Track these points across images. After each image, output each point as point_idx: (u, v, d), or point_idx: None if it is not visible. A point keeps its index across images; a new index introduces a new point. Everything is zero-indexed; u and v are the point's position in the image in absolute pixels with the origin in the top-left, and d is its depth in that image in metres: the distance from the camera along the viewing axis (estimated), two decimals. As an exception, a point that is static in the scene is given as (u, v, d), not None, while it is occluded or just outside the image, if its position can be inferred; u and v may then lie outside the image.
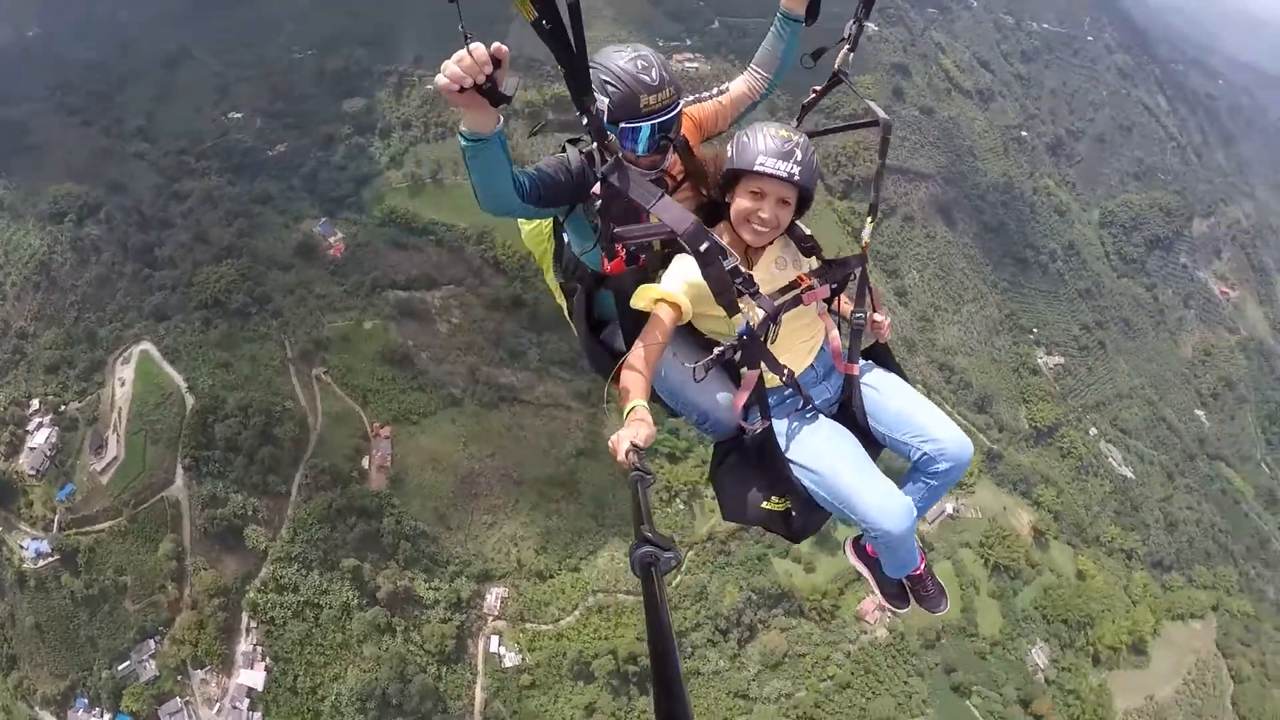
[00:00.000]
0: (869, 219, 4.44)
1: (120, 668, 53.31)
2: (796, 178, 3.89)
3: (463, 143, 3.25)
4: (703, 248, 3.78)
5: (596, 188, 3.98)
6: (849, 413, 4.49)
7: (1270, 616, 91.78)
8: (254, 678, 53.47)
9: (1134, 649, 76.79)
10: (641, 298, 4.00)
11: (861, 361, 4.51)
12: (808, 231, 4.32)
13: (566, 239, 4.55)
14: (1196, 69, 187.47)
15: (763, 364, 4.11)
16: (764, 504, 4.38)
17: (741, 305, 3.91)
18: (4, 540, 56.82)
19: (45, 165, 79.65)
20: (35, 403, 62.76)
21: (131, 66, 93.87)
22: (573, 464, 68.82)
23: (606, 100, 3.87)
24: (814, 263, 4.38)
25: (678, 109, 4.05)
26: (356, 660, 55.32)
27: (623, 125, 3.91)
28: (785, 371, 4.19)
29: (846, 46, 4.41)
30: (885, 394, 4.48)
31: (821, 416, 4.43)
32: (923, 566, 4.90)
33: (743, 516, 4.48)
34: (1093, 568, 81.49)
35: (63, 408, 62.55)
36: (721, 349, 4.00)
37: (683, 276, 4.01)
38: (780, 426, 4.32)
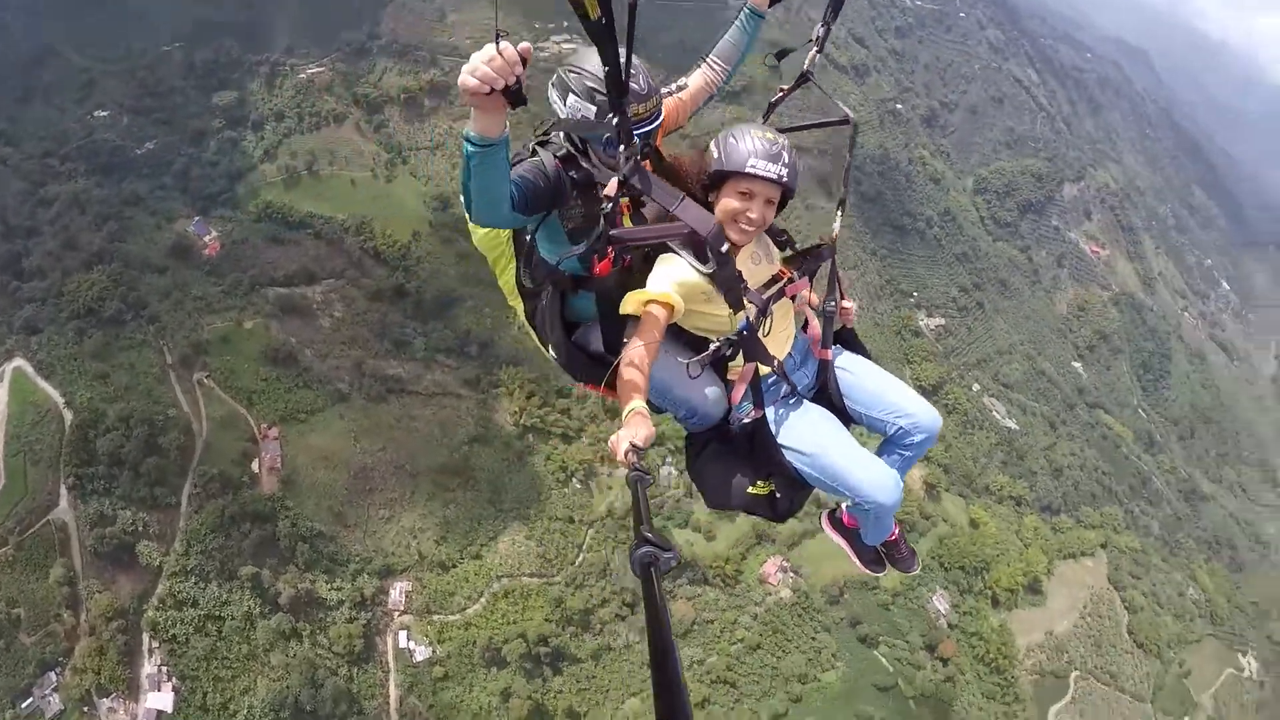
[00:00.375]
0: (837, 211, 4.76)
1: (23, 705, 50.28)
2: (785, 179, 4.07)
3: (470, 149, 3.21)
4: (724, 248, 4.01)
5: (609, 189, 3.98)
6: (825, 395, 4.76)
7: (1156, 550, 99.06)
8: (162, 700, 51.56)
9: (1030, 589, 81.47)
10: (632, 302, 4.09)
11: (834, 346, 4.82)
12: (780, 225, 4.56)
13: (532, 243, 4.49)
14: (1066, 43, 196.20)
15: (758, 356, 4.34)
16: (750, 489, 4.57)
17: (752, 308, 4.19)
18: None
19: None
20: None
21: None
22: (466, 451, 68.80)
23: (594, 108, 3.94)
24: (784, 255, 4.64)
25: (660, 117, 4.21)
26: (265, 670, 54.11)
27: (607, 135, 3.90)
28: (776, 363, 4.43)
29: (815, 49, 4.71)
30: (859, 375, 4.78)
31: (805, 402, 4.69)
32: (896, 532, 5.20)
33: (728, 503, 4.67)
34: (985, 516, 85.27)
35: None
36: (718, 345, 4.20)
37: (673, 277, 4.12)
38: (769, 414, 4.52)
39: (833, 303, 4.72)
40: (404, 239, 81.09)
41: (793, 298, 4.63)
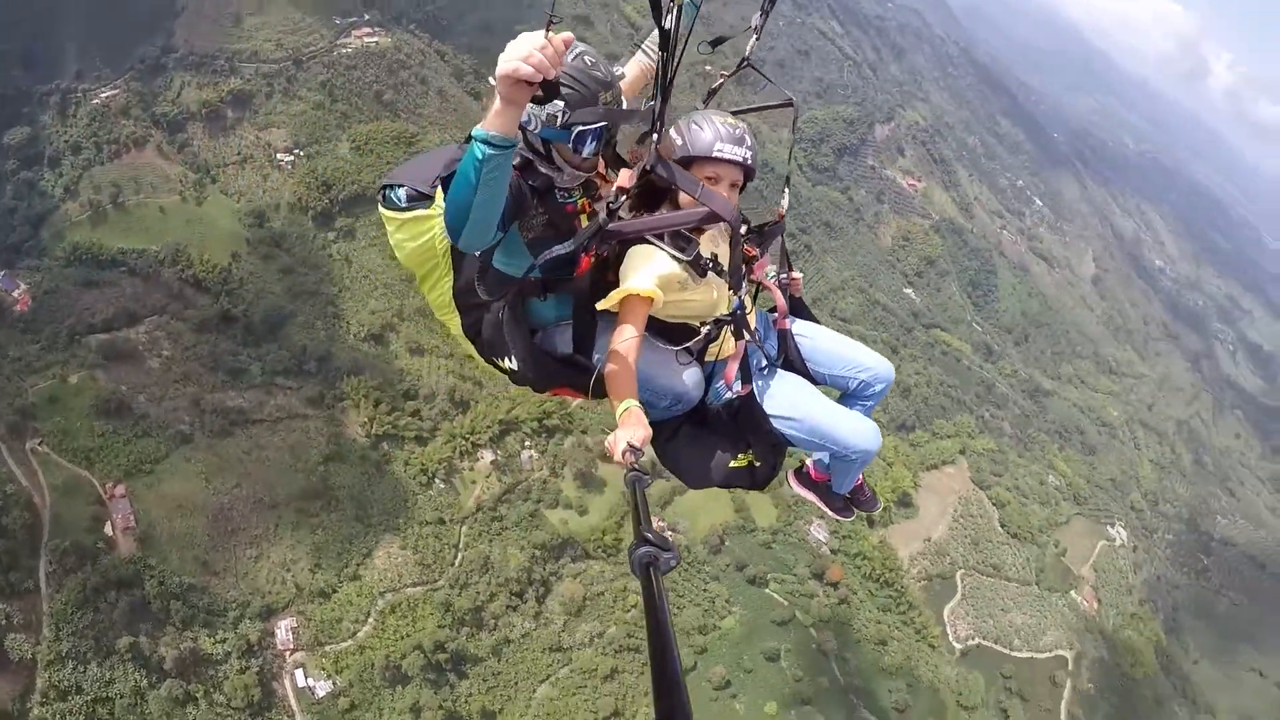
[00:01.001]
0: (784, 188, 5.00)
1: None
2: (749, 161, 4.23)
3: (488, 151, 3.00)
4: (742, 229, 4.17)
5: (623, 181, 4.03)
6: (788, 362, 4.96)
7: (1012, 447, 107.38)
8: None
9: (901, 503, 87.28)
10: (614, 298, 4.06)
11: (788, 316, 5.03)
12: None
13: (486, 258, 4.22)
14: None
15: (746, 333, 4.50)
16: (731, 463, 4.70)
17: (745, 291, 4.39)
18: None
19: None
20: None
21: None
22: (323, 471, 66.98)
23: (562, 104, 3.66)
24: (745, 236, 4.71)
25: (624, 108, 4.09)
26: None
27: (579, 129, 3.80)
28: (756, 334, 4.68)
29: (754, 35, 4.83)
30: (815, 339, 5.06)
31: (779, 370, 4.88)
32: (860, 477, 5.59)
33: (710, 480, 4.80)
34: None
35: None
36: (708, 329, 4.35)
37: (653, 270, 4.11)
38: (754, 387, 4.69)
39: (784, 274, 5.07)
40: (223, 262, 77.25)
41: (755, 275, 4.85)
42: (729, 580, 73.17)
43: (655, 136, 3.74)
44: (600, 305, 4.11)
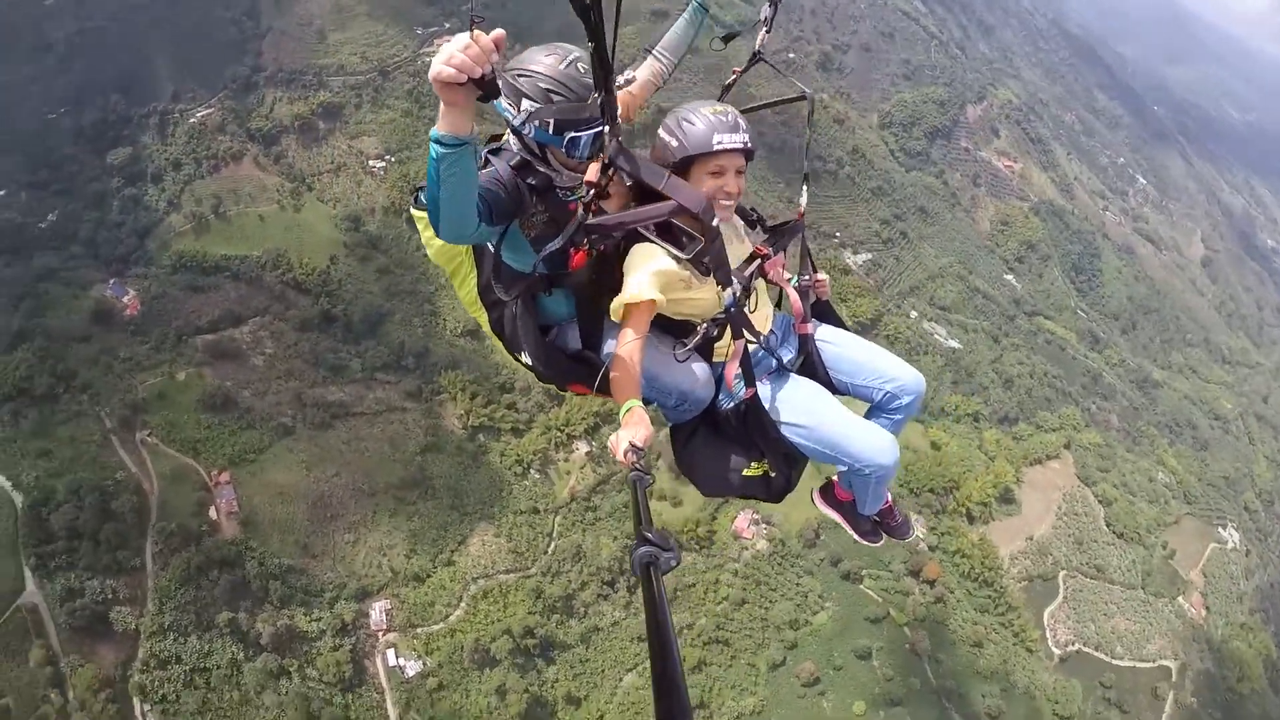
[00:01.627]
0: (803, 186, 4.86)
1: None
2: (749, 144, 4.14)
3: (440, 150, 3.04)
4: (715, 222, 3.97)
5: (590, 175, 4.01)
6: (809, 369, 4.81)
7: (1120, 441, 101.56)
8: None
9: (1003, 499, 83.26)
10: (616, 311, 4.04)
11: (811, 320, 4.89)
12: (749, 205, 4.61)
13: (498, 257, 4.34)
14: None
15: (747, 333, 4.33)
16: (745, 471, 4.54)
17: (737, 284, 4.19)
18: None
19: None
20: None
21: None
22: (420, 462, 68.99)
23: (533, 104, 3.79)
24: (758, 234, 4.67)
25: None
26: (260, 713, 53.97)
27: (570, 135, 3.86)
28: (763, 338, 4.47)
29: (764, 29, 4.86)
30: (841, 346, 4.86)
31: (793, 375, 4.73)
32: (889, 499, 5.29)
33: (725, 488, 4.67)
34: (945, 437, 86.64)
35: None
36: (705, 326, 4.23)
37: (651, 269, 4.07)
38: (761, 391, 4.50)
39: (807, 276, 4.89)
40: (322, 265, 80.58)
41: (768, 275, 4.68)
42: (823, 575, 71.91)
43: (607, 129, 3.67)
44: (612, 316, 4.11)
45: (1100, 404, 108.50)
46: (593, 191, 3.97)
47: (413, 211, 4.19)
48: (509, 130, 4.16)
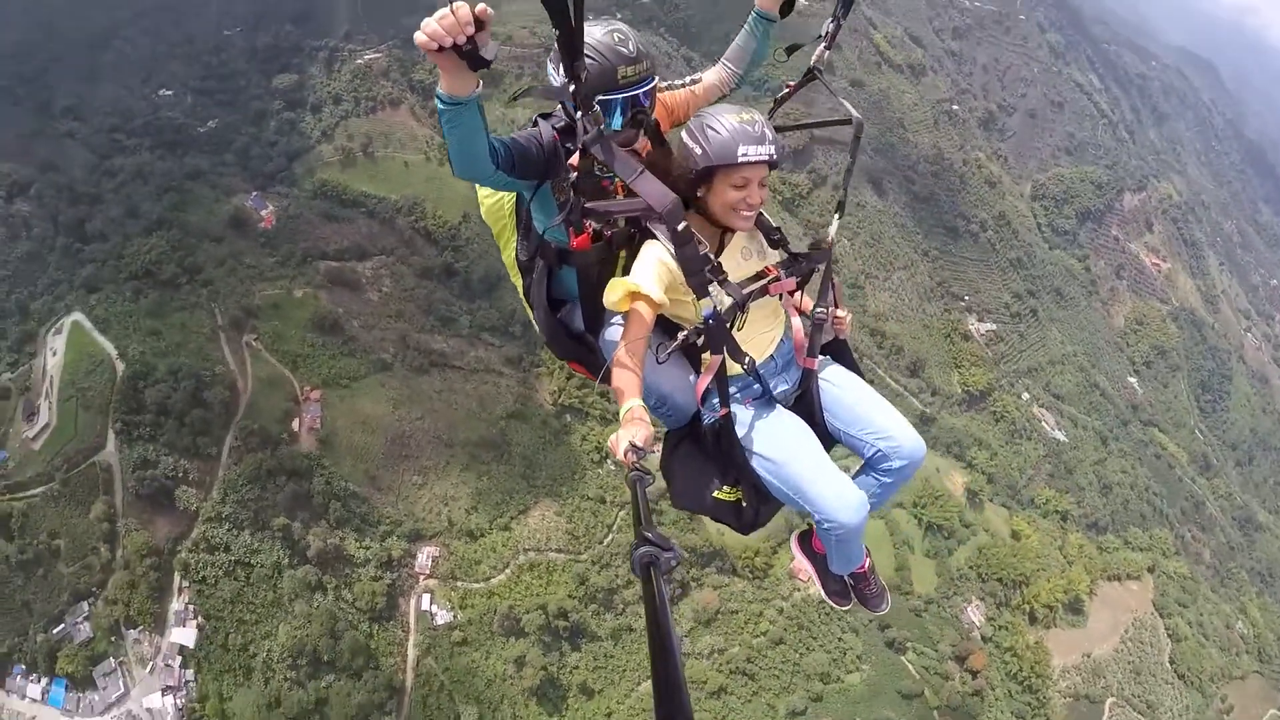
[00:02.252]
0: (835, 215, 4.52)
1: (55, 631, 52.89)
2: (775, 157, 3.96)
3: (439, 105, 3.28)
4: (680, 226, 3.87)
5: (574, 159, 3.99)
6: (805, 407, 4.54)
7: (1206, 578, 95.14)
8: (186, 635, 53.31)
9: (1071, 608, 78.96)
10: (615, 291, 4.00)
11: (820, 356, 4.59)
12: (775, 224, 4.41)
13: (528, 212, 4.50)
14: (1129, 49, 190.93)
15: (726, 351, 4.14)
16: (716, 493, 4.43)
17: (710, 290, 4.00)
18: None
19: (-28, 147, 79.41)
20: None
21: (57, 48, 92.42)
22: (503, 426, 69.66)
23: (585, 74, 3.69)
24: (779, 255, 4.44)
25: (652, 83, 4.10)
26: (287, 618, 55.29)
27: (599, 98, 3.90)
28: (747, 360, 4.22)
29: (823, 44, 4.51)
30: (843, 390, 4.55)
31: (779, 407, 4.48)
32: (867, 564, 4.96)
33: (694, 505, 4.53)
34: (1027, 528, 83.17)
35: None
36: (685, 333, 4.08)
37: (653, 266, 4.01)
38: (741, 415, 4.35)
39: (823, 310, 4.55)
40: (454, 220, 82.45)
41: (786, 298, 4.55)
42: (867, 636, 69.55)
43: (579, 114, 3.70)
44: (605, 300, 4.11)
45: (1196, 534, 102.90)
46: (575, 175, 3.99)
47: None
48: None
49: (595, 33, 3.89)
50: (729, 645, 65.32)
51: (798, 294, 4.55)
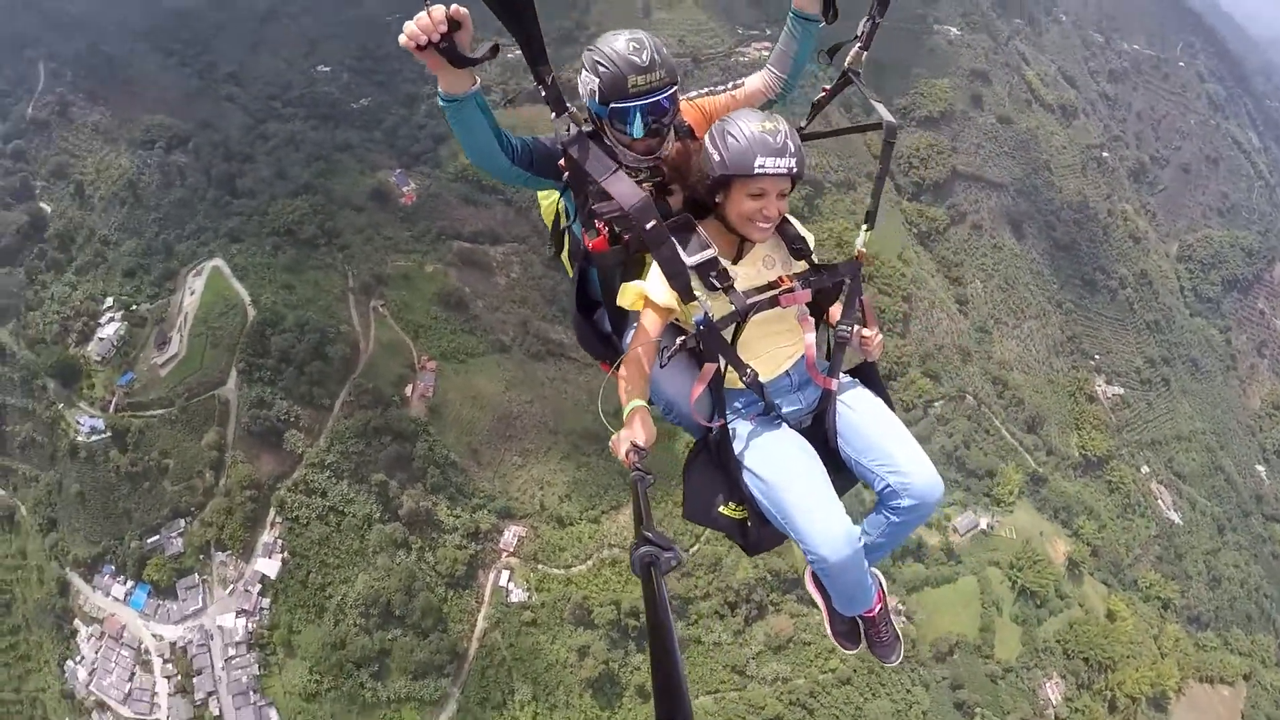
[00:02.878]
0: (864, 227, 4.25)
1: (149, 541, 57.39)
2: (795, 170, 3.79)
3: (439, 102, 3.45)
4: (648, 225, 3.73)
5: (561, 160, 3.99)
6: (820, 431, 4.29)
7: None
8: (270, 566, 56.59)
9: (1155, 704, 73.22)
10: (626, 295, 4.02)
11: (844, 378, 4.33)
12: (802, 232, 4.21)
13: (566, 211, 4.49)
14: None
15: (724, 360, 3.97)
16: (721, 508, 4.24)
17: (704, 295, 3.88)
18: (63, 415, 62.26)
19: (141, 98, 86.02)
20: (109, 300, 68.33)
21: (225, 18, 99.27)
22: (610, 422, 70.00)
23: (597, 80, 3.84)
24: (804, 266, 4.21)
25: (669, 93, 3.94)
26: (368, 568, 57.56)
27: (613, 105, 3.87)
28: (749, 372, 4.01)
29: (859, 44, 4.26)
30: (861, 415, 4.23)
31: (785, 426, 4.24)
32: (878, 610, 4.61)
33: (701, 517, 4.36)
34: (1125, 610, 77.32)
35: (134, 307, 67.80)
36: (684, 338, 3.97)
37: (659, 272, 3.91)
38: (741, 429, 4.17)
39: (848, 327, 4.23)
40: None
41: (799, 310, 4.22)
42: (937, 694, 66.29)
43: (554, 115, 3.71)
44: (618, 302, 4.14)
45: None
46: (565, 175, 4.04)
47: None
48: None
49: (615, 43, 3.85)
50: (795, 676, 63.20)
51: (830, 310, 4.36)
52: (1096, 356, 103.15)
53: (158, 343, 64.85)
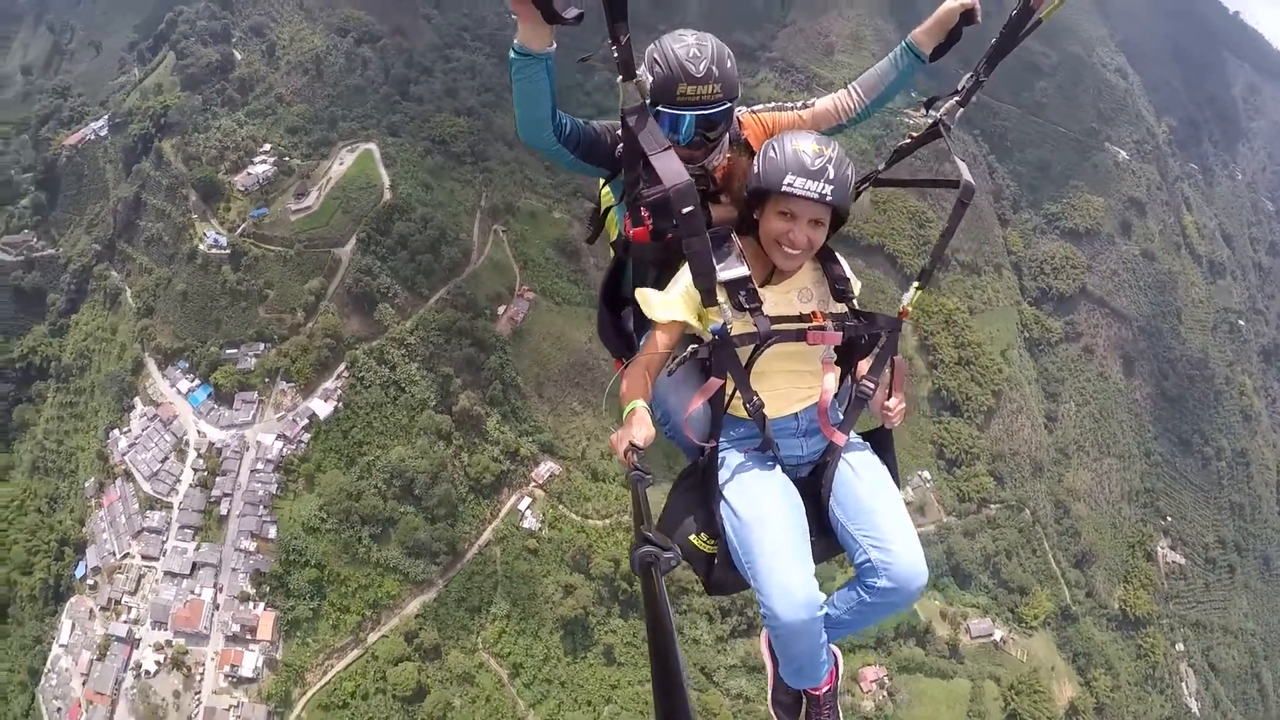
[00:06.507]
0: (915, 284, 4.05)
1: (228, 351, 64.50)
2: (829, 198, 3.57)
3: (512, 54, 3.34)
4: (685, 209, 3.50)
5: (619, 129, 3.86)
6: (815, 485, 4.00)
7: None
8: (323, 409, 62.02)
9: None
10: (645, 305, 3.88)
11: (855, 438, 4.09)
12: (847, 274, 4.01)
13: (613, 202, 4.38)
14: None
15: (732, 380, 3.73)
16: (692, 536, 3.92)
17: (727, 304, 3.67)
18: (194, 224, 70.47)
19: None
20: (268, 145, 76.05)
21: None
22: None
23: (650, 79, 3.73)
24: (841, 309, 3.97)
25: (721, 108, 3.81)
26: (407, 444, 61.78)
27: (661, 109, 3.75)
28: (755, 401, 3.78)
29: (956, 99, 4.05)
30: (859, 479, 3.95)
31: (779, 469, 3.96)
32: (824, 690, 4.16)
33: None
34: None
35: (287, 158, 75.07)
36: (694, 346, 3.76)
37: (686, 283, 3.75)
38: (731, 459, 3.91)
39: (872, 385, 4.01)
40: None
41: (825, 352, 3.96)
42: None
43: (620, 78, 3.49)
44: (644, 309, 3.96)
45: None
46: (621, 145, 3.95)
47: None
48: None
49: (677, 44, 3.74)
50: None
51: (860, 363, 4.10)
52: (1169, 518, 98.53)
53: (297, 193, 71.91)
